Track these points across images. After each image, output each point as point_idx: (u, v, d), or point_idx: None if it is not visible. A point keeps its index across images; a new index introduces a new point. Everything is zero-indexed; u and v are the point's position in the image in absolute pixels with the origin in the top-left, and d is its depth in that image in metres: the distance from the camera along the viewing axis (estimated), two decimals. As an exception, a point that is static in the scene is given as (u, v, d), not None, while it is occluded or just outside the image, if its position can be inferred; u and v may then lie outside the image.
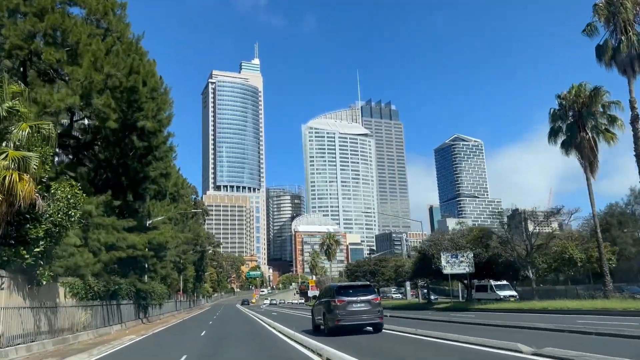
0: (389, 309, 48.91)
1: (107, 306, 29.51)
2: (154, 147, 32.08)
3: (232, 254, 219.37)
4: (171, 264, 54.36)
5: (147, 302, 40.55)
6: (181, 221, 60.44)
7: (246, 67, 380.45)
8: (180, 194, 52.44)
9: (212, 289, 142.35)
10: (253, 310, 65.83)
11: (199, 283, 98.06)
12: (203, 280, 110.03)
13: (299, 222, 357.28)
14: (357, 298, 21.06)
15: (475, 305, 41.71)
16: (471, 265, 43.10)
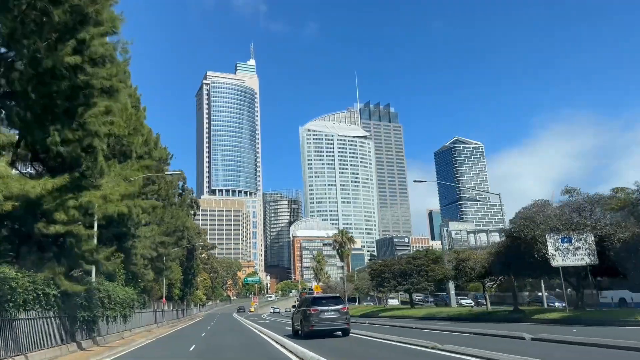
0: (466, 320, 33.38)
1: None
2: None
3: (227, 259, 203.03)
4: (144, 259, 38.41)
5: (91, 314, 24.67)
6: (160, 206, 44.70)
7: (241, 68, 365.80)
8: (153, 156, 36.61)
9: (205, 296, 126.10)
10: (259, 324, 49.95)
11: (188, 289, 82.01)
12: (194, 286, 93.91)
13: (297, 227, 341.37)
14: (329, 307, 24.74)
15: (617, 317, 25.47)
16: (592, 253, 27.57)
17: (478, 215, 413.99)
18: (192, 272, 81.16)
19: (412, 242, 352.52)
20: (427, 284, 55.13)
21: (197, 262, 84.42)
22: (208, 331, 41.73)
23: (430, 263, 56.97)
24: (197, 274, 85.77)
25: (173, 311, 68.85)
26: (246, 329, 42.16)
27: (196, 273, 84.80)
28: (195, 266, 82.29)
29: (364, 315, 63.19)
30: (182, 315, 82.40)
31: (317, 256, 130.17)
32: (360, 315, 64.89)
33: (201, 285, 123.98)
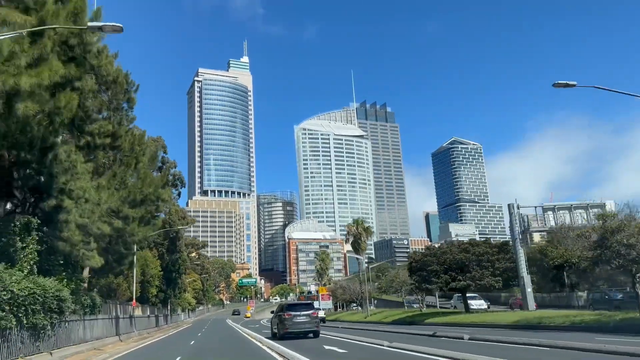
0: None
1: None
2: None
3: (220, 259, 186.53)
4: (86, 235, 22.76)
5: None
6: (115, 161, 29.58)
7: (234, 65, 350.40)
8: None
9: (195, 300, 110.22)
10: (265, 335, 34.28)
11: (172, 290, 66.31)
12: (180, 287, 78.20)
13: (292, 228, 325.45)
14: (301, 313, 27.95)
15: None
16: None
17: (477, 218, 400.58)
18: (177, 269, 65.52)
19: (411, 244, 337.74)
20: (494, 280, 39.82)
21: (184, 256, 68.77)
22: (191, 347, 26.34)
23: (495, 252, 41.80)
24: (183, 271, 70.09)
25: (150, 317, 53.16)
26: (249, 345, 26.70)
27: (182, 270, 69.13)
28: (181, 262, 66.64)
29: (402, 322, 47.78)
30: (164, 322, 66.66)
31: (320, 254, 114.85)
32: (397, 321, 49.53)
33: (190, 288, 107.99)
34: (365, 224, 72.61)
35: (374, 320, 58.14)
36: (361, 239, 69.75)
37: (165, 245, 52.93)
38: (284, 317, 27.75)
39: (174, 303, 77.05)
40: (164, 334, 49.60)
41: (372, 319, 61.09)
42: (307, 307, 29.30)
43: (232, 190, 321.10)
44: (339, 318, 77.71)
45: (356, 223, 71.57)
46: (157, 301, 61.41)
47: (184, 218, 58.37)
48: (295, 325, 27.36)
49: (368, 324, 52.60)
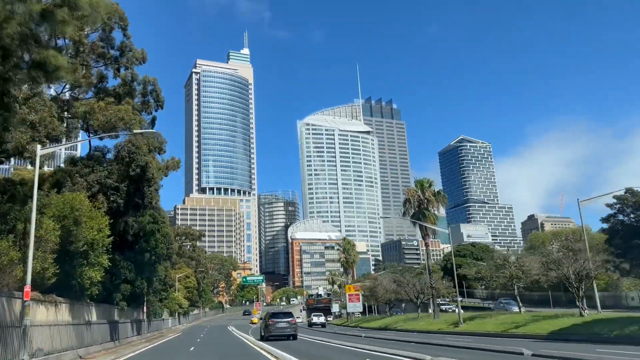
0: None
1: None
2: None
3: (219, 254, 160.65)
4: None
5: None
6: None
7: (234, 56, 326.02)
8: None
9: (188, 301, 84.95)
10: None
11: (146, 281, 41.02)
12: (163, 279, 53.16)
13: (295, 228, 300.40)
14: (282, 320, 34.84)
15: None
16: None
17: (486, 219, 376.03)
18: (154, 248, 40.53)
19: (421, 245, 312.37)
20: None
21: (166, 230, 43.55)
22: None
23: None
24: (164, 251, 44.81)
25: (92, 326, 27.73)
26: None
27: (163, 251, 43.92)
28: (161, 236, 41.58)
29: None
30: (134, 332, 41.67)
31: (345, 243, 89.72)
32: (561, 333, 24.30)
33: (182, 286, 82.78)
34: (430, 185, 47.76)
35: (481, 332, 33.57)
36: (429, 208, 45.18)
37: (121, 191, 27.89)
38: (269, 323, 34.74)
39: (154, 303, 51.90)
40: (116, 356, 24.93)
41: (474, 328, 36.44)
42: (287, 316, 35.95)
43: (232, 188, 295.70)
44: (390, 325, 52.93)
45: (420, 185, 46.90)
46: (120, 298, 36.49)
47: (158, 150, 33.17)
48: (277, 330, 34.08)
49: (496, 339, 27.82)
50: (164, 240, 42.28)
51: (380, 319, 67.44)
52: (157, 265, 46.01)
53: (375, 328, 56.96)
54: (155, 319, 57.23)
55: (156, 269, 46.17)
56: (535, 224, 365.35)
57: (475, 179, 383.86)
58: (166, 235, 43.88)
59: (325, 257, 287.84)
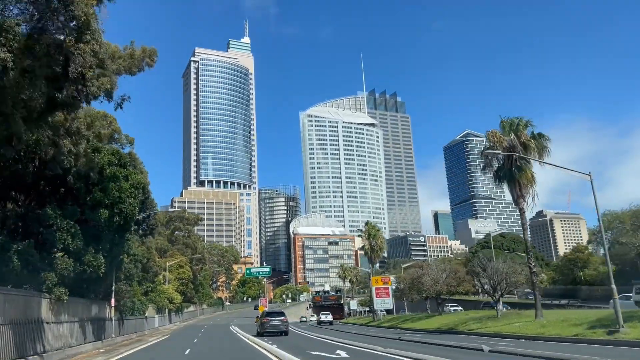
0: None
1: None
2: None
3: (218, 244, 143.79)
4: None
5: None
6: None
7: (234, 45, 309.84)
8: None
9: (181, 295, 68.90)
10: None
11: (98, 254, 25.06)
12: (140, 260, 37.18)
13: (298, 223, 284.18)
14: (275, 318, 39.43)
15: None
16: None
17: (493, 215, 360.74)
18: (117, 207, 24.68)
19: (428, 241, 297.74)
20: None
21: (137, 177, 27.60)
22: None
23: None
24: (132, 215, 28.82)
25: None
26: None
27: (131, 213, 27.90)
28: (129, 189, 25.60)
29: None
30: (86, 337, 25.66)
31: (368, 227, 73.76)
32: None
33: (173, 277, 66.85)
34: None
35: None
36: (525, 156, 29.84)
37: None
38: (264, 321, 39.31)
39: (128, 295, 35.90)
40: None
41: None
42: (280, 315, 40.74)
43: (232, 181, 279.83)
44: (457, 327, 37.24)
45: (511, 126, 31.67)
46: (53, 282, 20.68)
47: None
48: (271, 327, 38.49)
49: None
50: (134, 194, 26.35)
51: (426, 318, 51.54)
52: (128, 235, 30.13)
53: (431, 330, 41.17)
54: (132, 316, 41.37)
55: (126, 241, 30.33)
56: (545, 221, 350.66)
57: (482, 175, 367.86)
58: (141, 187, 27.95)
59: (329, 253, 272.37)
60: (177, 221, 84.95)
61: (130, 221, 26.98)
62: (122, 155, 26.65)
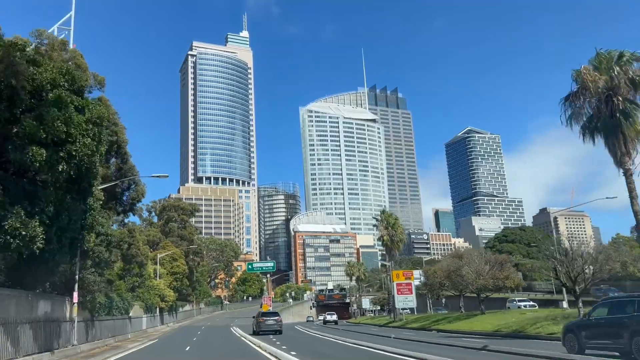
0: None
1: None
2: None
3: (216, 238, 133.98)
4: None
5: None
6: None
7: (233, 39, 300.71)
8: None
9: (175, 293, 59.69)
10: None
11: (39, 223, 16.27)
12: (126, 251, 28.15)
13: (298, 221, 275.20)
14: (270, 318, 41.09)
15: None
16: None
17: (496, 212, 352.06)
18: (64, 148, 15.77)
19: (432, 239, 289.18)
20: None
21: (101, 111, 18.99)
22: None
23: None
24: (92, 166, 20.35)
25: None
26: None
27: (91, 163, 19.43)
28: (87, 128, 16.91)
29: None
30: (20, 348, 16.53)
31: (384, 216, 64.80)
32: None
33: (165, 271, 57.75)
34: None
35: None
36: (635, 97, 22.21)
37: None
38: (259, 321, 40.53)
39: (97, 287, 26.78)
40: None
41: None
42: (274, 315, 42.67)
43: (230, 177, 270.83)
44: (525, 329, 28.41)
45: (609, 60, 23.34)
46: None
47: None
48: (266, 326, 39.90)
49: None
50: (95, 134, 17.34)
51: (467, 317, 42.54)
52: (92, 201, 21.05)
53: (488, 333, 32.20)
54: (108, 317, 32.28)
55: (90, 212, 21.30)
56: (548, 218, 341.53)
57: (484, 172, 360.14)
58: (107, 129, 18.92)
59: (330, 251, 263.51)
60: (171, 210, 75.84)
61: (88, 175, 17.93)
62: (75, 77, 17.56)
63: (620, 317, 15.34)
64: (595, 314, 16.92)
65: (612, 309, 16.25)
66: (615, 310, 15.96)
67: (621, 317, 15.27)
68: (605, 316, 16.24)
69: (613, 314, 15.92)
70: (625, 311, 15.36)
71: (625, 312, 15.37)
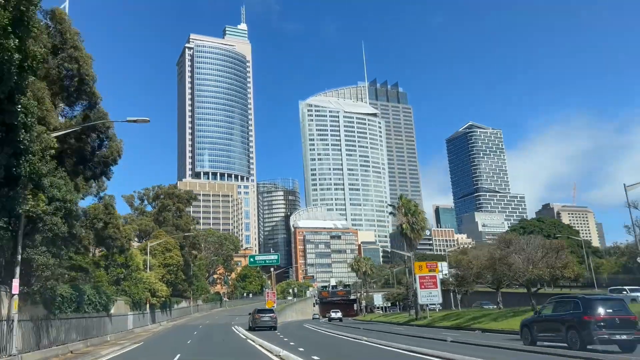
0: None
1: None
2: None
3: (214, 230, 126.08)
4: None
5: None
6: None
7: (231, 32, 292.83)
8: None
9: (169, 287, 52.23)
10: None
11: None
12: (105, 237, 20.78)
13: (298, 217, 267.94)
14: (265, 314, 42.37)
15: None
16: None
17: (498, 209, 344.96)
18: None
19: (434, 235, 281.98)
20: None
21: None
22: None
23: None
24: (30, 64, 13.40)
25: None
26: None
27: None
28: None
29: None
30: None
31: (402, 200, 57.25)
32: None
33: (157, 262, 50.24)
34: None
35: None
36: None
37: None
38: (255, 317, 41.64)
39: (57, 275, 19.30)
40: None
41: None
42: (269, 312, 44.32)
43: (229, 172, 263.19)
44: None
45: None
46: None
47: None
48: (262, 322, 40.85)
49: None
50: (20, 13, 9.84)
51: (514, 315, 35.14)
52: (20, 133, 13.61)
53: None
54: (76, 314, 24.77)
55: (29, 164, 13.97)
56: (551, 214, 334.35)
57: (486, 167, 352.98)
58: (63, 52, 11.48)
59: (331, 248, 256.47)
60: (165, 198, 68.31)
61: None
62: None
63: (560, 314, 18.55)
64: (544, 312, 19.98)
65: (555, 307, 19.33)
66: (557, 309, 19.06)
67: (560, 314, 18.48)
68: (550, 314, 19.39)
69: (556, 312, 18.98)
70: (564, 309, 18.41)
71: (564, 310, 18.42)
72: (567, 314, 17.93)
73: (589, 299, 18.03)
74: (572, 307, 17.93)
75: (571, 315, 17.59)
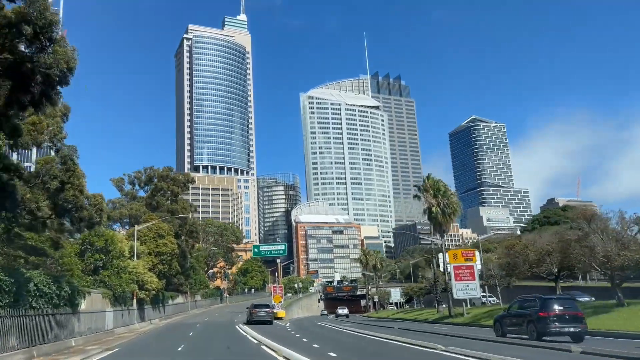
0: None
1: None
2: None
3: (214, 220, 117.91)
4: None
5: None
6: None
7: (230, 23, 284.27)
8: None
9: (161, 278, 44.34)
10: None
11: None
12: (64, 202, 12.77)
13: (300, 211, 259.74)
14: (262, 309, 44.02)
15: None
16: None
17: (501, 203, 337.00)
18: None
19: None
20: None
21: None
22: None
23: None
24: None
25: None
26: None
27: None
28: None
29: None
30: None
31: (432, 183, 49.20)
32: None
33: (148, 252, 42.10)
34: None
35: None
36: None
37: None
38: (252, 312, 43.52)
39: None
40: None
41: None
42: (265, 307, 45.40)
43: (228, 166, 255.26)
44: None
45: None
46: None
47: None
48: (258, 316, 42.63)
49: None
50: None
51: (617, 307, 27.23)
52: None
53: None
54: (16, 312, 16.68)
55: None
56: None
57: (490, 161, 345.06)
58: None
59: (333, 243, 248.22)
60: (159, 181, 60.21)
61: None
62: None
63: (523, 311, 21.87)
64: (512, 308, 23.30)
65: (521, 305, 22.61)
66: (522, 306, 22.38)
67: (523, 311, 21.84)
68: (517, 310, 22.70)
69: (521, 308, 22.37)
70: (527, 306, 21.75)
71: (527, 307, 21.74)
72: (527, 311, 21.25)
73: (545, 299, 21.04)
74: (532, 305, 21.18)
75: (530, 311, 20.94)
